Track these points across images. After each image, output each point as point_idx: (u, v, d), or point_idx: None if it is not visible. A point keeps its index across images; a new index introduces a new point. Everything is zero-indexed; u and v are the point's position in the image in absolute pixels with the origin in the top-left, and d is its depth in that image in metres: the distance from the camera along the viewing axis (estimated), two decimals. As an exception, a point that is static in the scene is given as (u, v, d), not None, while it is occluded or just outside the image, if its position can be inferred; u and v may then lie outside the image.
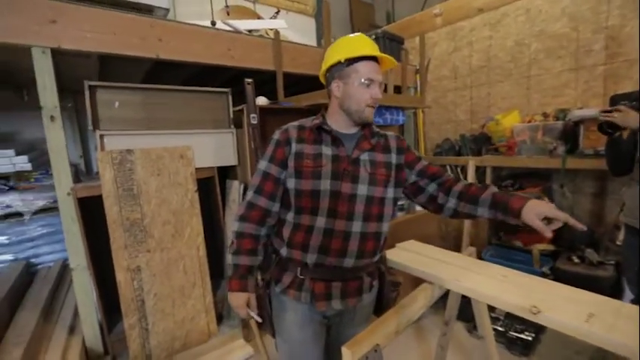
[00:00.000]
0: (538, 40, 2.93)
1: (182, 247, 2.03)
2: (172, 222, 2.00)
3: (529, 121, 2.73)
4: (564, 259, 2.40)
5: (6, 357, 1.65)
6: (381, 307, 1.19)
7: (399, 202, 2.49)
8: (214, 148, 2.21)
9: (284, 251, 1.07)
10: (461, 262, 1.32)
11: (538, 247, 2.49)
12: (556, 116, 2.63)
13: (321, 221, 1.00)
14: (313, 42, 4.64)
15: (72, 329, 2.00)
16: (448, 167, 3.35)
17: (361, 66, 1.01)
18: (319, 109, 1.24)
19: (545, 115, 2.74)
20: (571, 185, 2.70)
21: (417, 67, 3.68)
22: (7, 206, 2.80)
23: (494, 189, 1.01)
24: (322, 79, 1.14)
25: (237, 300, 1.05)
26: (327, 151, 1.04)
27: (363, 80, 1.00)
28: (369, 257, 1.07)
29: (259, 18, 3.76)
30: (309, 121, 1.11)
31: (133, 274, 1.89)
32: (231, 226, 1.10)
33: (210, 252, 2.17)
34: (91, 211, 1.93)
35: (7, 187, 2.84)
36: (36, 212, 2.90)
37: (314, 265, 1.03)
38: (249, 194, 1.07)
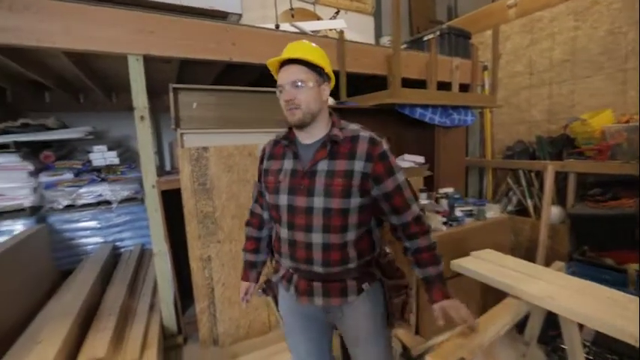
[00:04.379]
0: (637, 29, 2.54)
1: (248, 240, 2.12)
2: (240, 216, 2.11)
3: (626, 121, 2.38)
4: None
5: (103, 324, 1.89)
6: (387, 312, 1.17)
7: (466, 208, 2.34)
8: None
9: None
10: (551, 277, 1.19)
11: (634, 267, 2.16)
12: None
13: (284, 232, 1.08)
14: (372, 40, 4.58)
15: (151, 307, 2.21)
16: (521, 173, 3.07)
17: (278, 77, 1.07)
18: (384, 109, 1.25)
19: (647, 115, 2.37)
20: (680, 197, 2.29)
21: (486, 64, 3.43)
22: (99, 195, 3.20)
23: (430, 271, 1.08)
24: (318, 61, 1.12)
25: (240, 287, 1.32)
26: (287, 165, 1.09)
27: (278, 91, 1.05)
28: (341, 265, 1.06)
29: (319, 19, 3.81)
30: (282, 134, 1.16)
31: (204, 263, 2.03)
32: None
33: (273, 247, 2.24)
34: (170, 203, 2.11)
35: (99, 179, 3.24)
36: (121, 201, 3.27)
37: (291, 268, 1.12)
38: (252, 203, 1.29)
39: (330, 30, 3.40)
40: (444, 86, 2.95)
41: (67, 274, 2.83)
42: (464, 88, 3.18)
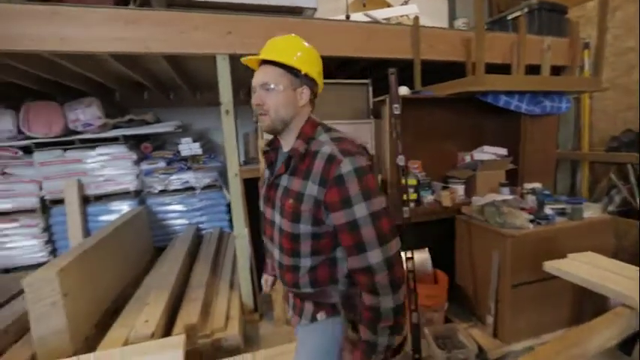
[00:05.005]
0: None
1: (319, 228, 2.20)
2: (312, 205, 2.19)
3: None
4: None
5: (194, 295, 2.15)
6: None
7: (557, 206, 2.09)
8: (356, 137, 2.30)
9: None
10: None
11: None
12: None
13: (264, 239, 1.08)
14: (445, 24, 4.30)
15: (231, 284, 2.44)
16: (629, 167, 2.63)
17: (253, 77, 0.96)
18: (461, 98, 1.10)
19: None
20: None
21: (586, 41, 2.98)
22: (186, 182, 3.61)
23: (362, 332, 0.87)
24: (288, 61, 0.98)
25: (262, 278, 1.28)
26: (267, 173, 1.06)
27: (253, 92, 0.95)
28: (294, 287, 0.97)
29: (389, 6, 3.69)
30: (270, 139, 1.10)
31: (279, 247, 2.17)
32: None
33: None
34: (249, 190, 2.29)
35: (186, 167, 3.64)
36: (203, 188, 3.65)
37: None
38: None
39: (402, 16, 3.28)
40: (531, 70, 2.64)
41: (161, 250, 3.27)
42: (555, 71, 2.81)
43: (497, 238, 1.86)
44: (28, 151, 3.24)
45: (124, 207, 3.38)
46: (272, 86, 0.90)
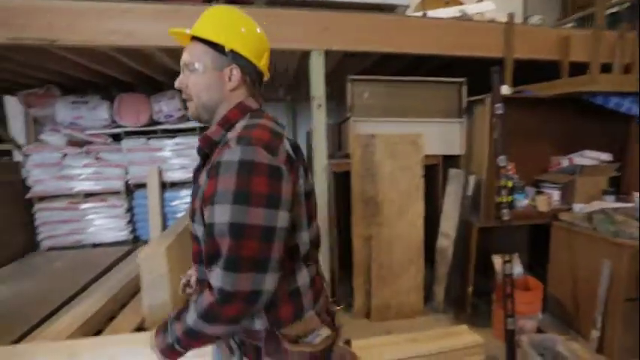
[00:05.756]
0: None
1: (404, 226, 2.21)
2: (398, 202, 2.20)
3: None
4: None
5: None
6: None
7: None
8: (441, 136, 2.28)
9: None
10: None
11: None
12: None
13: None
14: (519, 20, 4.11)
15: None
16: None
17: None
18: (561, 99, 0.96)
19: None
20: None
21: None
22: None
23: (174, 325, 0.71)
24: (209, 36, 0.78)
25: None
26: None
27: None
28: None
29: (461, 4, 3.59)
30: None
31: (365, 242, 2.20)
32: None
33: (426, 236, 2.27)
34: (338, 184, 2.33)
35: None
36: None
37: None
38: None
39: (477, 14, 3.18)
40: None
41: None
42: None
43: (609, 248, 1.75)
44: (116, 138, 3.54)
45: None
46: (195, 66, 0.75)
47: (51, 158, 3.34)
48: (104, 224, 3.54)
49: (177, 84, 0.79)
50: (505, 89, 2.16)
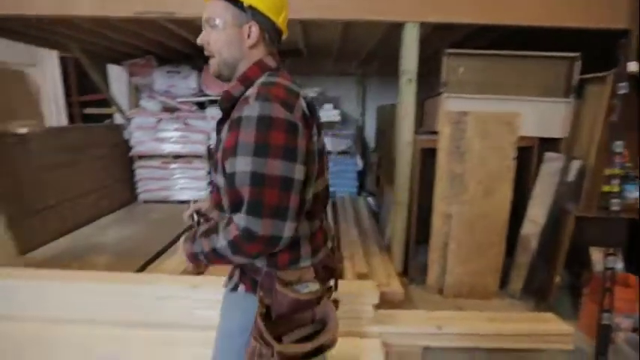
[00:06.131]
0: None
1: (489, 207, 2.16)
2: (485, 182, 2.14)
3: None
4: None
5: (351, 251, 2.36)
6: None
7: None
8: (540, 117, 2.13)
9: None
10: None
11: None
12: None
13: None
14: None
15: (380, 247, 2.60)
16: None
17: None
18: None
19: None
20: None
21: None
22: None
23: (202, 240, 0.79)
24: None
25: None
26: None
27: None
28: None
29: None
30: None
31: (445, 219, 2.20)
32: None
33: (511, 220, 2.19)
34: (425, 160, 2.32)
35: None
36: (337, 153, 3.87)
37: None
38: None
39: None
40: None
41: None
42: None
43: None
44: (201, 106, 3.85)
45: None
46: (216, 22, 0.78)
47: (148, 122, 3.76)
48: (188, 184, 3.96)
49: (199, 40, 0.82)
50: (634, 66, 1.92)
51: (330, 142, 3.84)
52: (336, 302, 0.88)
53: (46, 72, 4.60)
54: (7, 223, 2.26)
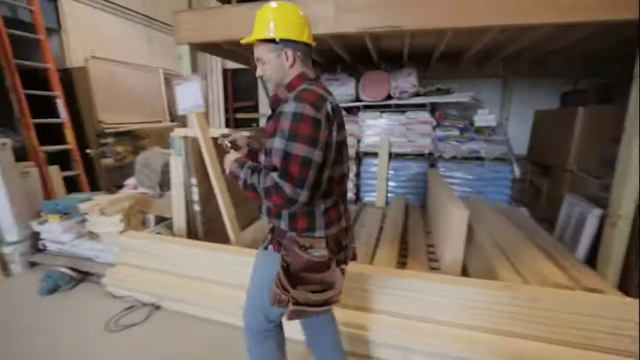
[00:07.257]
0: None
1: None
2: None
3: None
4: None
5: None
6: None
7: None
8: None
9: None
10: None
11: None
12: None
13: None
14: None
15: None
16: None
17: None
18: None
19: None
20: None
21: None
22: (475, 151, 3.74)
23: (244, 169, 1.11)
24: (263, 37, 1.07)
25: None
26: None
27: None
28: (261, 213, 1.16)
29: None
30: None
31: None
32: None
33: None
34: None
35: (476, 138, 3.77)
36: (492, 159, 3.72)
37: None
38: None
39: None
40: None
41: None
42: None
43: None
44: (348, 111, 4.09)
45: (411, 165, 3.89)
46: (264, 60, 1.07)
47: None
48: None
49: (257, 74, 1.11)
50: None
51: (484, 148, 3.72)
52: (342, 271, 1.13)
53: (213, 82, 5.46)
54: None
